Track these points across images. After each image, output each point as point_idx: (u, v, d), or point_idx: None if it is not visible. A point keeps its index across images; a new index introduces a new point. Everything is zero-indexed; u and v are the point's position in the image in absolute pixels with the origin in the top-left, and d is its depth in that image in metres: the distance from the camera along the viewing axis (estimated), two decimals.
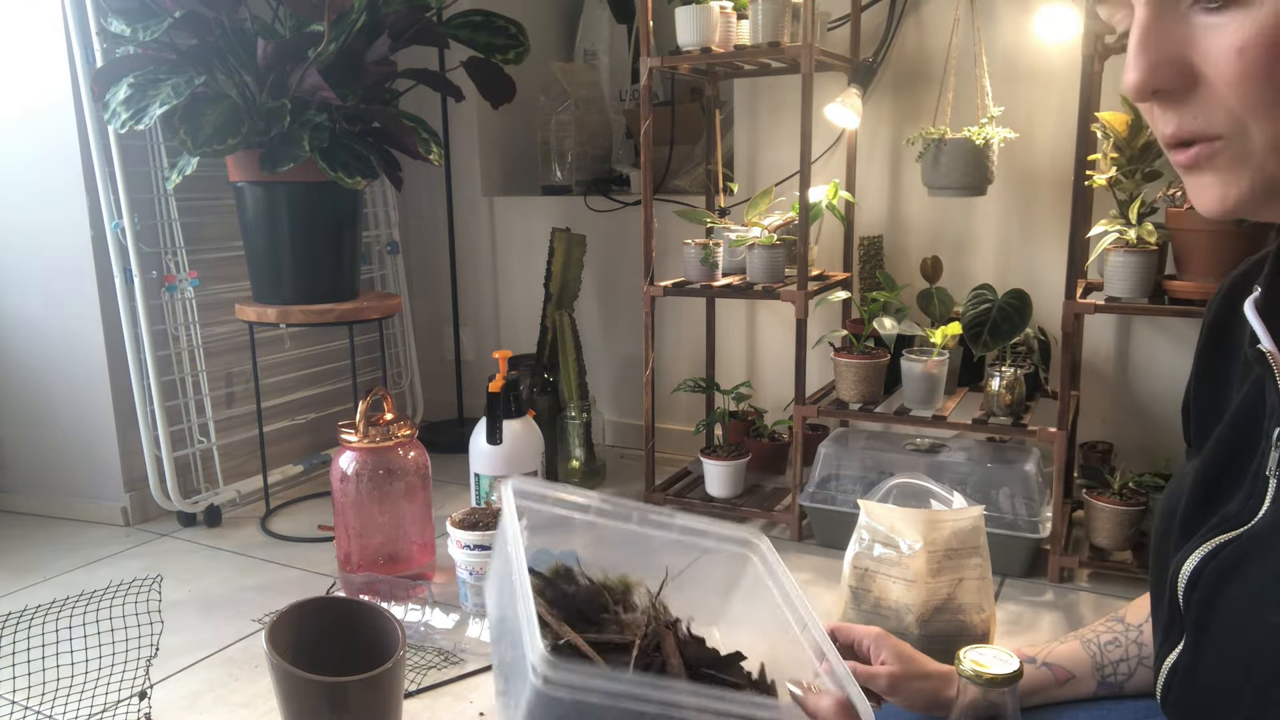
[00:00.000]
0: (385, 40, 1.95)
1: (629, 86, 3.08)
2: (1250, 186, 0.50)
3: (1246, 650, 0.55)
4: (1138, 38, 0.51)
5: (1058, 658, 0.85)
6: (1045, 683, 0.84)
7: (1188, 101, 0.51)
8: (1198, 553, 0.60)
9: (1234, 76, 0.48)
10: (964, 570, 1.47)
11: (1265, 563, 0.55)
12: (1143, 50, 0.51)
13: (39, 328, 2.23)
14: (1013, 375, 1.86)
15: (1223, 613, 0.58)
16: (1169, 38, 0.50)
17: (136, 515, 2.24)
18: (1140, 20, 0.51)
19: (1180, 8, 0.50)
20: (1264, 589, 0.54)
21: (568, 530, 0.73)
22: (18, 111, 2.13)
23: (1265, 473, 0.58)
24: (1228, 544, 0.59)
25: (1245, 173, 0.50)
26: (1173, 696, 0.62)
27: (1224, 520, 0.60)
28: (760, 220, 2.13)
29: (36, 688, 1.47)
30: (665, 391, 2.59)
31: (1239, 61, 0.47)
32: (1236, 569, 0.57)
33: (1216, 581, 0.58)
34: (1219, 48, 0.48)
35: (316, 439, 2.67)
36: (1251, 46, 0.47)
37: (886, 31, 2.25)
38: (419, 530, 1.86)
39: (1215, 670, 0.58)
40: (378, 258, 2.88)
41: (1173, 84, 0.51)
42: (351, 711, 1.15)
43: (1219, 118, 0.50)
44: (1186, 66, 0.50)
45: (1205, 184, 0.52)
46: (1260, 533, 0.57)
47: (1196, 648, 0.60)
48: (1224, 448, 0.63)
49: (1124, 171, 1.71)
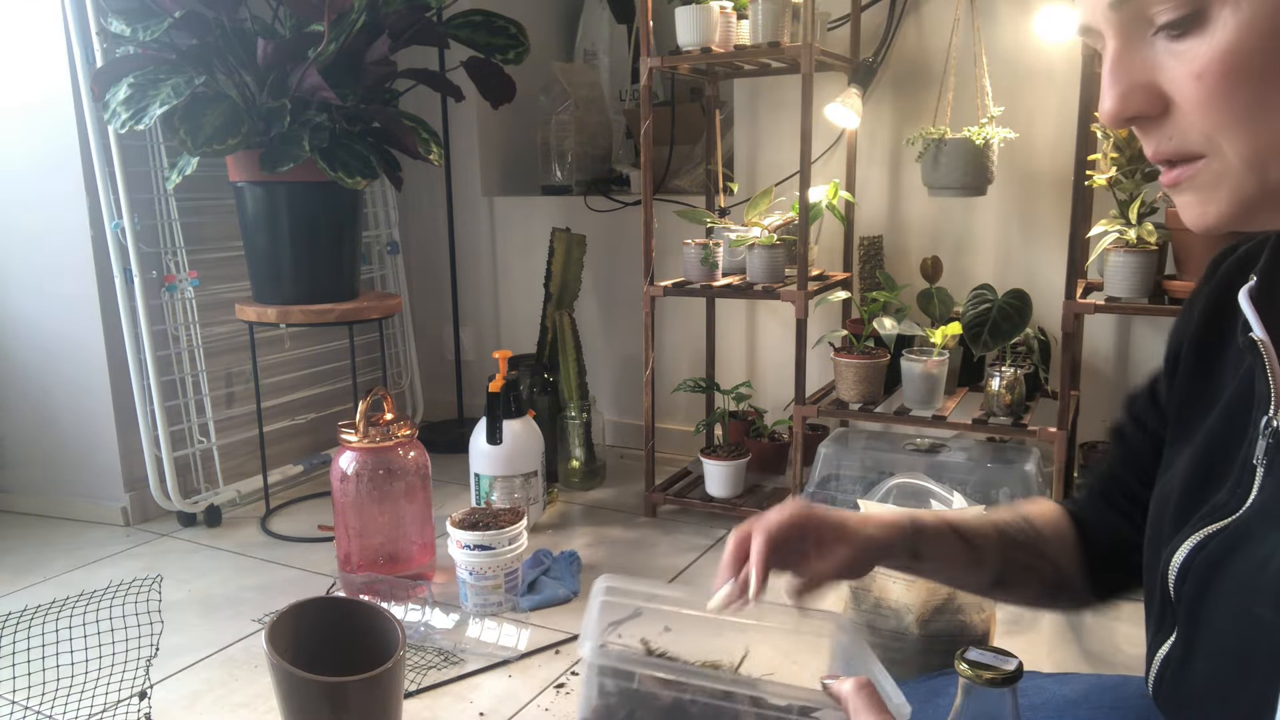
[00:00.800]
0: (385, 40, 1.95)
1: (629, 86, 3.09)
2: (1229, 204, 0.52)
3: (1236, 642, 0.55)
4: (1109, 67, 0.53)
5: (972, 534, 0.80)
6: (959, 556, 0.80)
7: (1161, 125, 0.53)
8: (1187, 544, 0.60)
9: (1197, 101, 0.50)
10: None
11: (1251, 553, 0.55)
12: (1114, 79, 0.53)
13: (39, 328, 2.23)
14: (1013, 375, 1.86)
15: (1212, 604, 0.58)
16: (1138, 65, 0.52)
17: (136, 515, 2.24)
18: (1111, 50, 0.53)
19: (1147, 35, 0.51)
20: (1250, 579, 0.54)
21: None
22: (18, 111, 2.13)
23: (1253, 461, 0.58)
24: (1216, 534, 0.59)
25: (1224, 191, 0.52)
26: (1165, 689, 0.62)
27: (1213, 510, 0.60)
28: (760, 220, 2.13)
29: (36, 688, 1.47)
30: (665, 391, 2.59)
31: (1199, 86, 0.49)
32: (1224, 560, 0.57)
33: (1205, 573, 0.58)
34: (1181, 74, 0.50)
35: (316, 439, 2.67)
36: (1209, 72, 0.48)
37: (886, 31, 2.25)
38: (419, 530, 1.86)
39: (1207, 663, 0.58)
40: (378, 258, 2.88)
41: (1145, 110, 0.53)
42: (351, 711, 1.15)
43: (1193, 137, 0.51)
44: (1156, 92, 0.52)
45: (1187, 202, 0.54)
46: (1246, 522, 0.57)
47: (1188, 640, 0.60)
48: (1214, 438, 0.63)
49: (1124, 171, 1.71)
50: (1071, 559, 0.82)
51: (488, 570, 1.70)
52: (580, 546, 2.03)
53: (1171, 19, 0.49)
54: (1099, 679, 0.87)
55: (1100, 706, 0.83)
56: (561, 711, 1.41)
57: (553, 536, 2.12)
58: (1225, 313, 0.67)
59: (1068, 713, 0.83)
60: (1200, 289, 0.70)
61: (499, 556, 1.70)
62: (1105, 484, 0.82)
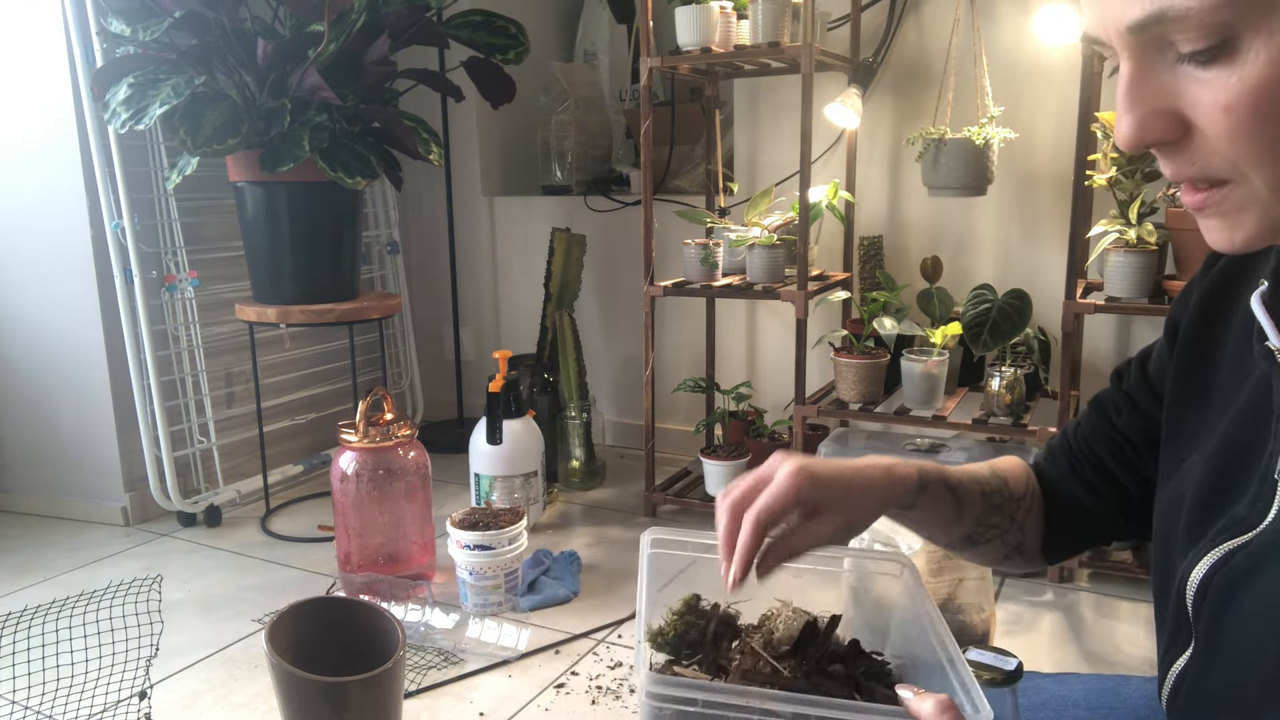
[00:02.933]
0: (385, 40, 1.95)
1: (629, 86, 3.08)
2: (1257, 228, 0.50)
3: (1260, 660, 0.54)
4: (1124, 91, 0.50)
5: (961, 491, 0.79)
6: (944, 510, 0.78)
7: (1183, 150, 0.50)
8: (1206, 559, 0.59)
9: (1223, 131, 0.47)
10: (964, 570, 1.47)
11: (1276, 573, 0.54)
12: (1131, 104, 0.50)
13: (39, 328, 2.23)
14: (1013, 375, 1.86)
15: (1235, 622, 0.57)
16: (1157, 90, 0.49)
17: (136, 515, 2.24)
18: (1125, 74, 0.50)
19: (1167, 59, 0.49)
20: (1275, 600, 0.53)
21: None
22: (18, 111, 2.13)
23: (1274, 475, 0.57)
24: (1238, 550, 0.57)
25: (1251, 216, 0.50)
26: (1180, 702, 0.61)
27: (1232, 523, 0.59)
28: (760, 220, 2.13)
29: (36, 688, 1.47)
30: (665, 391, 2.59)
31: (1226, 119, 0.47)
32: (1247, 577, 0.56)
33: (1227, 590, 0.57)
34: (1206, 103, 0.48)
35: (316, 439, 2.67)
36: (1237, 105, 0.46)
37: (886, 31, 2.25)
38: (419, 530, 1.86)
39: (1227, 678, 0.57)
40: (378, 258, 2.88)
41: (1165, 136, 0.50)
42: (351, 711, 1.15)
43: (1218, 164, 0.49)
44: (1177, 118, 0.50)
45: (1213, 225, 0.52)
46: (1271, 539, 0.56)
47: (1206, 657, 0.59)
48: (1230, 447, 0.61)
49: (1124, 171, 1.71)
50: (1033, 521, 0.82)
51: (488, 570, 1.70)
52: (580, 546, 2.03)
53: (1198, 49, 0.46)
54: (1098, 679, 0.87)
55: (1099, 707, 0.83)
56: (562, 711, 1.41)
57: (553, 536, 2.12)
58: (1225, 311, 0.66)
59: (1067, 713, 0.83)
60: (1198, 279, 0.69)
61: (499, 556, 1.70)
62: (1075, 451, 0.81)
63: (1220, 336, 0.66)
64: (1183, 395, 0.69)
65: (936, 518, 0.79)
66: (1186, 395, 0.68)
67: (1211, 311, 0.67)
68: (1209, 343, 0.67)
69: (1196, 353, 0.68)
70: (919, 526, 0.81)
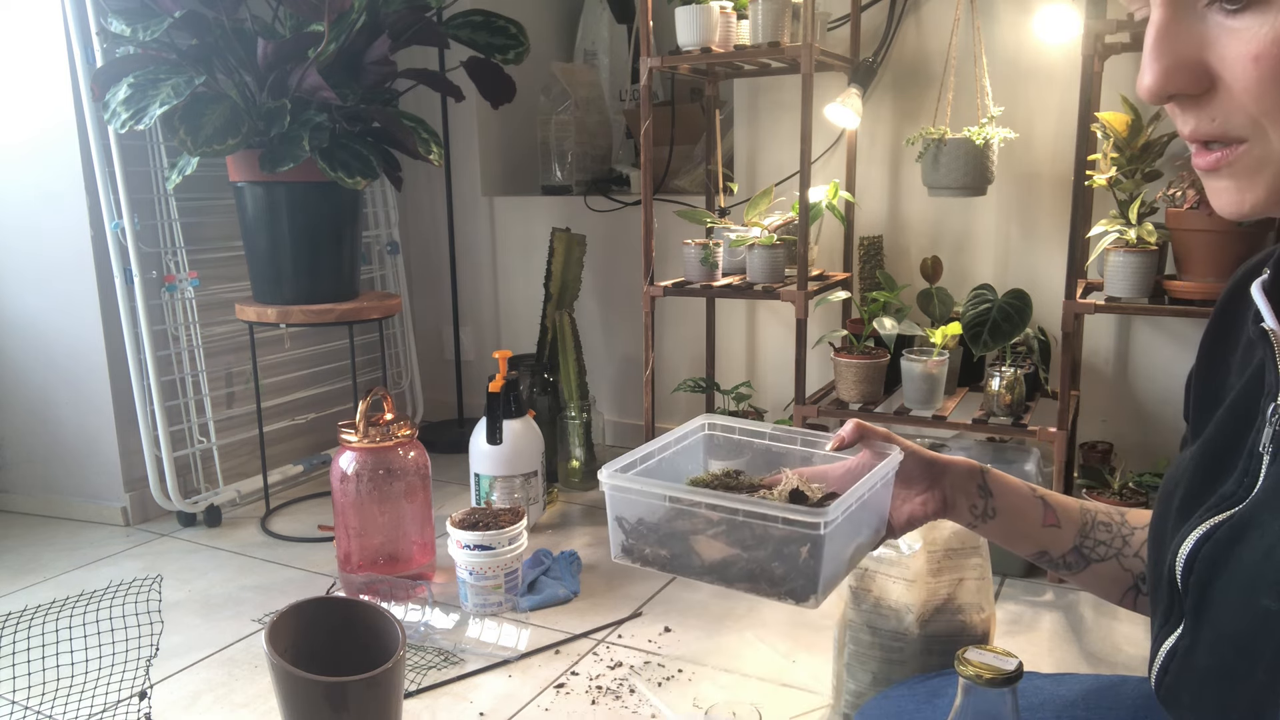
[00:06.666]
0: (385, 40, 1.95)
1: (629, 86, 3.09)
2: (1267, 191, 0.50)
3: (1241, 633, 0.54)
4: (1153, 39, 0.50)
5: (1056, 502, 0.86)
6: (1033, 515, 0.85)
7: (1205, 104, 0.50)
8: (1194, 534, 0.59)
9: (1250, 83, 0.47)
10: (964, 570, 1.47)
11: (1256, 543, 0.54)
12: (1158, 53, 0.50)
13: (39, 328, 2.23)
14: (1013, 375, 1.86)
15: (1217, 595, 0.57)
16: (1185, 39, 0.49)
17: (136, 515, 2.24)
18: (1156, 21, 0.50)
19: (1197, 8, 0.48)
20: (1255, 570, 0.53)
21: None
22: (18, 111, 2.13)
23: (1259, 449, 0.57)
24: (1222, 524, 0.58)
25: (1263, 178, 0.50)
26: (1169, 680, 0.61)
27: (1220, 500, 0.59)
28: (760, 220, 2.13)
29: (36, 688, 1.47)
30: (665, 391, 2.59)
31: (1255, 69, 0.46)
32: (1229, 550, 0.56)
33: (1211, 563, 0.58)
34: (1235, 53, 0.47)
35: (316, 439, 2.67)
36: (1267, 55, 0.46)
37: (886, 31, 2.25)
38: (419, 530, 1.86)
39: (1210, 654, 0.57)
40: (378, 258, 2.88)
41: (1189, 88, 0.50)
42: (351, 711, 1.15)
43: (1238, 120, 0.49)
44: (1203, 70, 0.49)
45: (1222, 188, 0.52)
46: (1252, 511, 0.56)
47: (1194, 630, 0.59)
48: (1223, 429, 0.62)
49: (1124, 171, 1.71)
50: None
51: (488, 570, 1.70)
52: (580, 546, 2.03)
53: None
54: (1096, 679, 0.87)
55: (1098, 707, 0.83)
56: (562, 711, 1.41)
57: (553, 536, 2.12)
58: (1237, 311, 0.66)
59: (1065, 713, 0.83)
60: (1205, 334, 0.70)
61: (499, 556, 1.70)
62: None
63: (1233, 339, 0.67)
64: (1200, 400, 0.69)
65: (1031, 521, 0.85)
66: (1202, 398, 0.69)
67: (1226, 319, 0.68)
68: (1223, 350, 0.68)
69: (1213, 361, 0.69)
70: (1022, 536, 0.87)
